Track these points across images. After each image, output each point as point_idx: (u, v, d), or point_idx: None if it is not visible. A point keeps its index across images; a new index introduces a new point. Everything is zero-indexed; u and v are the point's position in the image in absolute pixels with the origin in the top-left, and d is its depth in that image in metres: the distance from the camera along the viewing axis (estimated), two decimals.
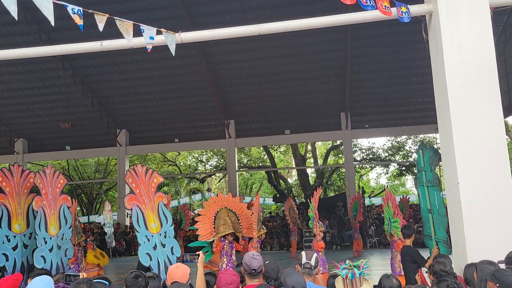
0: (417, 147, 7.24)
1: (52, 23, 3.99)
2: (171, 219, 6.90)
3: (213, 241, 7.95)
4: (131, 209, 6.67)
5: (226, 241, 7.93)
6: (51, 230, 7.74)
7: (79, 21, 4.29)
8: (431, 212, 6.40)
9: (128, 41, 4.63)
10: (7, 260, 7.98)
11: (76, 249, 9.39)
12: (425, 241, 6.81)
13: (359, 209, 15.46)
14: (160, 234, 6.67)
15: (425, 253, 6.18)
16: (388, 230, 7.93)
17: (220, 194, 8.31)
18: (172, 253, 6.67)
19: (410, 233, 6.25)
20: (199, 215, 8.08)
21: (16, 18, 3.96)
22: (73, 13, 4.27)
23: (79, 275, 3.81)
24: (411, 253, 5.88)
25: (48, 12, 3.94)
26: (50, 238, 7.71)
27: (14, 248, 8.10)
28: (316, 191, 9.04)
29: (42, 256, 7.61)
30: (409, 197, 13.73)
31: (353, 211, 15.57)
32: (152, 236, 6.63)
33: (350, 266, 3.45)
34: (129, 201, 6.71)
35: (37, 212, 7.95)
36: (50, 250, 7.66)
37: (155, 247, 6.59)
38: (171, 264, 6.25)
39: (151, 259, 6.54)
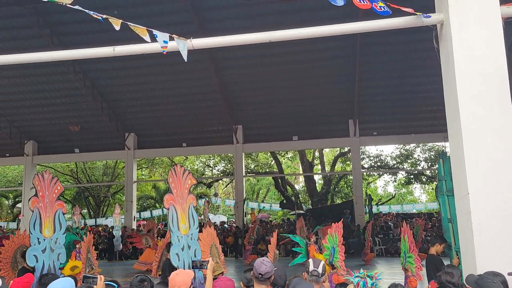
0: (438, 156, 7.14)
1: None
2: (198, 222, 7.08)
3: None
4: (168, 209, 6.84)
5: None
6: (45, 232, 7.91)
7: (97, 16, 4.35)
8: (451, 222, 6.35)
9: (147, 40, 4.69)
10: None
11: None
12: (445, 251, 6.77)
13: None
14: (188, 236, 6.83)
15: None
16: (403, 264, 7.62)
17: (209, 229, 8.19)
18: (195, 256, 6.82)
19: (438, 242, 6.37)
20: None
21: None
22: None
23: (97, 277, 3.88)
24: (435, 262, 5.94)
25: None
26: (44, 240, 7.87)
27: None
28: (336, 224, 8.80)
29: (34, 255, 7.76)
30: (424, 219, 13.07)
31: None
32: (182, 237, 6.80)
33: (364, 275, 3.44)
34: (167, 200, 6.87)
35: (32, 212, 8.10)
36: (43, 251, 7.81)
37: (183, 248, 6.74)
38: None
39: (179, 260, 6.67)
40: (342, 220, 8.91)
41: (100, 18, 4.40)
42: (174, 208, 6.79)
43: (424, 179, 28.44)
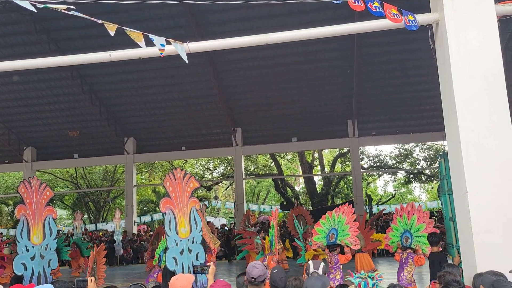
0: (440, 155, 7.08)
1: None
2: (201, 225, 7.04)
3: None
4: (165, 212, 6.79)
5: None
6: (34, 239, 7.81)
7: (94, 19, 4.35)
8: (453, 220, 6.37)
9: (142, 46, 4.67)
10: None
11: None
12: (447, 249, 6.78)
13: None
14: (188, 240, 6.81)
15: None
16: (410, 244, 6.89)
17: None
18: (197, 259, 6.79)
19: (437, 240, 6.35)
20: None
21: None
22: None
23: (87, 280, 3.89)
24: (440, 259, 5.97)
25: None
26: (33, 247, 7.76)
27: None
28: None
29: (22, 263, 7.66)
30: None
31: None
32: (181, 240, 6.76)
33: (365, 276, 3.46)
34: (164, 204, 6.85)
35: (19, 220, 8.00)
36: (32, 258, 7.71)
37: (182, 252, 6.72)
38: None
39: (176, 264, 6.62)
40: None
41: (97, 17, 4.38)
42: (172, 212, 6.76)
43: (423, 178, 28.43)
